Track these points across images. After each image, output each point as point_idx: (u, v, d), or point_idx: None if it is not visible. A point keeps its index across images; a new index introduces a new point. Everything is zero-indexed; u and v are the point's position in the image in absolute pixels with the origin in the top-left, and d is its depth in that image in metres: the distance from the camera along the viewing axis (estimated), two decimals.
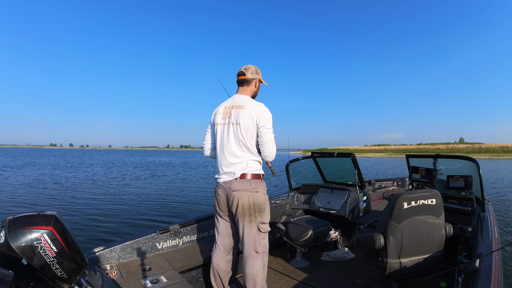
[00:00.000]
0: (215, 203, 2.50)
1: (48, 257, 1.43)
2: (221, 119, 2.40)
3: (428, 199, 2.31)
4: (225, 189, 2.35)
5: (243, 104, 2.34)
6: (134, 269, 2.48)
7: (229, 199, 2.33)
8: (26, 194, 11.65)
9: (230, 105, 2.39)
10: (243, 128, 2.30)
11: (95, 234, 6.59)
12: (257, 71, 2.50)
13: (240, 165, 2.34)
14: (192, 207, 9.78)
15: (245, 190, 2.30)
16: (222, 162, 2.38)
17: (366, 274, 3.06)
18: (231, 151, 2.34)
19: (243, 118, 2.29)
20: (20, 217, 1.45)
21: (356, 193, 4.08)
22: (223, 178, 2.36)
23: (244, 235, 2.35)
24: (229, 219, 2.50)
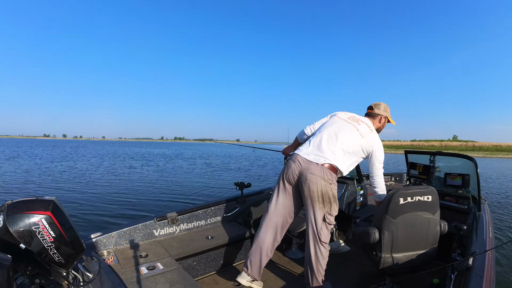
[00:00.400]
0: (283, 177, 2.47)
1: (46, 242, 1.45)
2: (346, 118, 2.54)
3: (424, 196, 2.32)
4: (302, 166, 2.36)
5: (372, 127, 2.54)
6: (131, 256, 2.50)
7: (303, 178, 2.33)
8: (23, 182, 11.69)
9: (362, 120, 2.57)
10: (359, 141, 2.43)
11: (92, 220, 6.63)
12: (386, 109, 2.68)
13: (333, 157, 2.38)
14: (189, 196, 9.83)
15: (322, 178, 2.33)
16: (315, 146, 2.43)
17: (360, 267, 3.10)
18: (337, 143, 2.41)
19: (366, 135, 2.46)
20: (18, 202, 1.46)
21: (353, 187, 4.09)
22: (307, 155, 2.39)
23: (310, 219, 2.37)
24: (292, 198, 2.49)
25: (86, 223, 6.31)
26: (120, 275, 2.13)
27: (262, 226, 2.52)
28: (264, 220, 2.52)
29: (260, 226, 2.54)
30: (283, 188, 2.48)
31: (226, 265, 3.03)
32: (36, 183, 11.11)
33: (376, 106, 2.66)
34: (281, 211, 2.49)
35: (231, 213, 3.58)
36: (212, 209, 3.42)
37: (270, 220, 2.50)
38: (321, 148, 2.39)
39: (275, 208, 2.49)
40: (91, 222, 6.44)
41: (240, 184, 3.65)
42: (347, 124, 2.48)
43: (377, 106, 2.66)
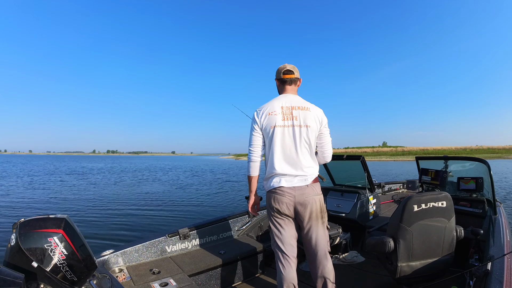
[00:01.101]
0: (276, 212, 2.29)
1: (58, 259, 1.45)
2: (282, 121, 2.23)
3: (438, 202, 2.28)
4: (295, 195, 2.21)
5: (306, 105, 2.28)
6: (143, 272, 2.50)
7: (301, 206, 2.22)
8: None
9: (289, 105, 2.27)
10: (311, 131, 2.25)
11: (104, 237, 6.65)
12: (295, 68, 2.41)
13: (311, 170, 2.28)
14: (200, 211, 9.81)
15: (316, 194, 2.25)
16: (287, 168, 2.24)
17: (376, 277, 3.03)
18: (300, 156, 2.24)
19: (311, 121, 2.24)
20: (31, 220, 1.47)
21: (365, 196, 4.05)
22: (292, 183, 2.23)
23: (318, 238, 2.26)
24: (293, 227, 2.34)
25: (97, 241, 6.33)
26: None
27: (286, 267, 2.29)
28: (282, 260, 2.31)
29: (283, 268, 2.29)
30: (285, 222, 2.31)
31: (240, 280, 3.00)
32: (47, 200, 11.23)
33: (294, 69, 2.38)
34: (293, 243, 2.34)
35: (243, 227, 3.55)
36: (223, 223, 3.40)
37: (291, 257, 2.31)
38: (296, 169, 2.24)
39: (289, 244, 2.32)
40: (103, 239, 6.45)
41: None
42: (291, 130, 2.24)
43: (295, 69, 2.38)
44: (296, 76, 2.37)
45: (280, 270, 2.29)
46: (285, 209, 2.24)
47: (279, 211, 2.26)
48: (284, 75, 2.35)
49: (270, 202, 2.31)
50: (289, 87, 2.37)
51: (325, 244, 2.30)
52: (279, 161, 2.24)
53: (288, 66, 2.37)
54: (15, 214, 9.12)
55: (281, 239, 2.30)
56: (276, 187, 2.25)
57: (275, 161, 2.25)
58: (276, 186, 2.25)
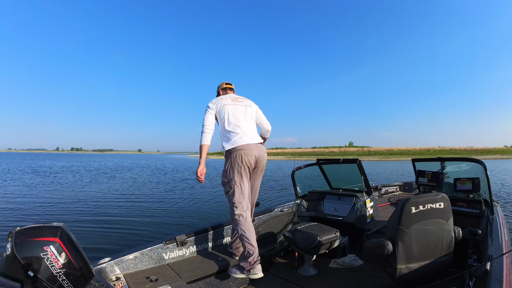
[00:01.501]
0: (242, 166, 2.85)
1: (54, 268, 1.43)
2: (232, 102, 3.06)
3: (436, 203, 2.29)
4: (258, 150, 2.93)
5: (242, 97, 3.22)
6: (140, 280, 2.47)
7: (260, 158, 2.96)
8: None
9: (235, 97, 3.16)
10: (251, 109, 3.15)
11: (101, 245, 6.58)
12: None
13: (258, 134, 3.12)
14: (198, 217, 9.76)
15: (265, 152, 3.05)
16: (244, 130, 2.95)
17: (375, 280, 3.02)
18: (250, 124, 3.06)
19: (251, 103, 3.20)
20: (26, 229, 1.45)
21: (362, 199, 4.05)
22: (254, 140, 2.94)
23: (258, 188, 3.18)
24: (249, 178, 2.99)
25: (94, 249, 6.26)
26: None
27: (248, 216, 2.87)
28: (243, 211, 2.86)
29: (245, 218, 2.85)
30: (246, 174, 2.91)
31: (238, 286, 2.98)
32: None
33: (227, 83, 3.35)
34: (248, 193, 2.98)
35: None
36: (221, 229, 3.39)
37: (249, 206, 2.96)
38: (250, 132, 2.99)
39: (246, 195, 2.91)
40: (100, 247, 6.38)
41: None
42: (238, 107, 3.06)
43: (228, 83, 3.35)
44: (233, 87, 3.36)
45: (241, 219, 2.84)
46: (252, 161, 2.90)
47: (247, 164, 2.87)
48: (226, 85, 3.33)
49: (240, 158, 2.85)
50: (230, 92, 3.31)
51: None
52: (236, 126, 2.95)
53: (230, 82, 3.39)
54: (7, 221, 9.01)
55: (244, 191, 2.90)
56: (243, 144, 2.87)
57: (232, 127, 2.95)
58: (244, 143, 2.87)
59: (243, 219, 2.83)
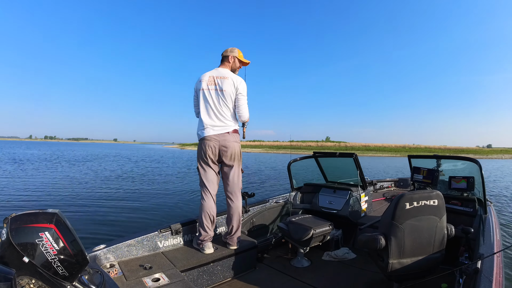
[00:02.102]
0: (203, 155, 2.97)
1: (49, 255, 1.43)
2: (206, 85, 2.96)
3: (430, 200, 2.30)
4: (219, 141, 2.92)
5: (226, 75, 2.97)
6: (135, 268, 2.49)
7: (223, 149, 2.94)
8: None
9: (215, 75, 2.98)
10: (227, 94, 2.93)
11: (96, 232, 6.60)
12: (233, 50, 3.11)
13: (229, 123, 2.99)
14: (193, 206, 9.78)
15: (235, 141, 3.00)
16: (211, 120, 2.94)
17: (367, 274, 3.06)
18: (219, 111, 2.94)
19: (227, 86, 2.93)
20: (22, 215, 1.45)
21: (357, 193, 4.07)
22: (215, 131, 2.92)
23: (234, 176, 3.05)
24: (215, 168, 3.05)
25: (89, 236, 6.28)
26: None
27: (207, 201, 3.00)
28: (204, 195, 3.02)
29: (203, 202, 3.01)
30: (209, 164, 2.99)
31: (232, 275, 3.00)
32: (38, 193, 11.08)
33: (225, 51, 3.11)
34: (215, 181, 3.07)
35: None
36: (216, 219, 3.40)
37: (211, 193, 3.03)
38: (220, 121, 2.93)
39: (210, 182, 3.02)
40: (95, 235, 6.40)
41: (244, 193, 3.64)
42: (211, 92, 2.94)
43: (225, 50, 3.11)
44: (224, 54, 3.10)
45: (202, 202, 3.02)
46: (211, 152, 2.94)
47: (206, 154, 2.94)
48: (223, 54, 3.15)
49: (200, 148, 2.99)
50: (221, 64, 3.13)
51: (239, 181, 3.10)
52: (204, 116, 2.96)
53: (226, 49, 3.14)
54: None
55: (206, 178, 3.02)
56: (204, 136, 2.94)
57: (202, 116, 2.97)
58: (205, 135, 2.94)
59: (203, 203, 3.01)
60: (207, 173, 3.02)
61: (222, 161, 3.01)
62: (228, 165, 3.02)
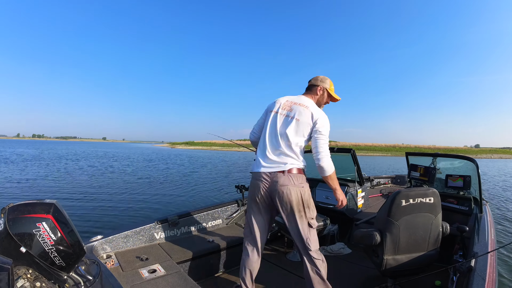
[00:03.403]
0: (252, 195, 2.34)
1: (46, 245, 1.44)
2: (280, 109, 2.37)
3: (426, 197, 2.32)
4: (270, 182, 2.23)
5: (306, 104, 2.35)
6: (131, 259, 2.50)
7: (274, 194, 2.23)
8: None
9: (292, 101, 2.39)
10: (301, 125, 2.27)
11: (93, 223, 6.62)
12: (324, 80, 2.50)
13: (292, 160, 2.26)
14: (190, 199, 9.81)
15: (294, 185, 2.22)
16: (268, 152, 2.29)
17: (362, 269, 3.08)
18: (283, 143, 2.27)
19: (303, 116, 2.28)
20: (19, 205, 1.46)
21: (354, 189, 4.09)
22: (268, 168, 2.25)
23: (295, 231, 2.26)
24: (265, 213, 2.37)
25: (86, 227, 6.30)
26: (121, 279, 2.13)
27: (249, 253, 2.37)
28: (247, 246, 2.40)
29: (246, 254, 2.38)
30: (257, 209, 2.36)
31: (228, 268, 3.02)
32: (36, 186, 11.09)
33: (314, 78, 2.53)
34: (263, 231, 2.39)
35: (232, 216, 3.57)
36: (213, 212, 3.41)
37: (258, 244, 2.38)
38: (277, 155, 2.27)
39: (257, 230, 2.37)
40: (92, 225, 6.43)
41: (241, 186, 3.65)
42: (281, 117, 2.34)
43: (314, 78, 2.52)
44: (313, 83, 2.51)
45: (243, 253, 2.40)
46: (258, 194, 2.29)
47: (254, 197, 2.32)
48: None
49: (250, 187, 2.39)
50: (306, 92, 2.52)
51: (303, 239, 2.24)
52: (263, 146, 2.34)
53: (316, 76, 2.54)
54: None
55: (252, 224, 2.37)
56: (254, 172, 2.33)
57: (260, 144, 2.39)
58: (255, 171, 2.32)
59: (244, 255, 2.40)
60: (254, 219, 2.36)
61: (278, 211, 2.30)
62: (285, 217, 2.27)
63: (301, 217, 2.25)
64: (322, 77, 2.52)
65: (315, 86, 2.48)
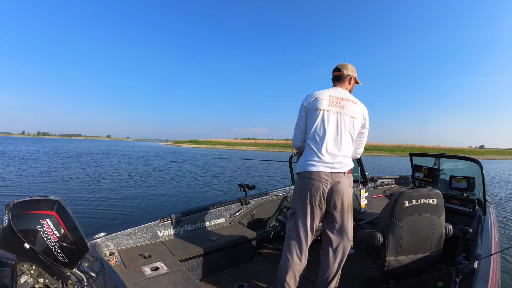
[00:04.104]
0: (305, 197, 2.21)
1: (50, 241, 1.45)
2: (328, 106, 2.25)
3: (429, 199, 2.31)
4: (331, 182, 2.17)
5: (354, 100, 2.31)
6: (134, 256, 2.51)
7: (336, 194, 2.17)
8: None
9: (337, 96, 2.29)
10: (356, 124, 2.28)
11: (96, 220, 6.66)
12: (353, 69, 2.46)
13: (349, 160, 2.27)
14: (194, 197, 9.84)
15: (349, 185, 2.24)
16: (327, 152, 2.20)
17: (364, 270, 3.07)
18: (342, 142, 2.22)
19: (357, 113, 2.27)
20: (23, 202, 1.47)
21: (358, 189, 4.08)
22: (329, 168, 2.18)
23: (347, 230, 2.26)
24: (317, 216, 2.25)
25: (90, 223, 6.33)
26: (124, 276, 2.14)
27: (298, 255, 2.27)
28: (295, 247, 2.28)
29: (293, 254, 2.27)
30: (311, 209, 2.22)
31: (230, 266, 3.03)
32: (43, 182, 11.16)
33: (343, 67, 2.42)
34: (312, 232, 2.29)
35: (235, 215, 3.57)
36: (216, 210, 3.42)
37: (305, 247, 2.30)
38: (336, 154, 2.20)
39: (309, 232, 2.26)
40: (95, 223, 6.46)
41: (244, 185, 3.65)
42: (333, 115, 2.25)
43: (345, 67, 2.42)
44: (345, 73, 2.40)
45: (287, 257, 2.27)
46: (318, 195, 2.18)
47: (312, 197, 2.19)
48: (334, 73, 2.46)
49: (303, 188, 2.23)
50: (340, 83, 2.42)
51: (350, 237, 2.28)
52: (320, 145, 2.22)
53: (340, 64, 2.44)
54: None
55: (301, 227, 2.25)
56: (311, 171, 2.19)
57: (315, 144, 2.24)
58: (312, 170, 2.19)
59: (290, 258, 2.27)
60: (306, 225, 2.23)
61: (329, 210, 2.23)
62: (335, 216, 2.23)
63: (350, 216, 2.28)
64: (351, 66, 2.46)
65: (348, 76, 2.42)
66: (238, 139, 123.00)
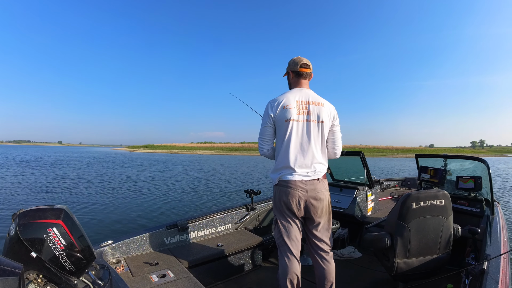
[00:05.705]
0: (284, 208, 2.22)
1: (57, 250, 1.46)
2: (297, 115, 2.20)
3: (436, 200, 2.29)
4: (307, 190, 2.17)
5: (320, 101, 2.26)
6: (141, 264, 2.51)
7: (314, 200, 2.18)
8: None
9: (305, 100, 2.23)
10: (325, 127, 2.24)
11: (103, 228, 6.67)
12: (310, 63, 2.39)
13: (322, 166, 2.25)
14: (199, 203, 9.83)
15: (325, 190, 2.25)
16: (300, 161, 2.19)
17: (372, 273, 3.05)
18: (313, 150, 2.20)
19: (324, 116, 2.23)
20: (30, 211, 1.48)
21: (364, 192, 4.05)
22: (303, 176, 2.18)
23: (323, 234, 2.25)
24: (298, 222, 2.26)
25: (96, 232, 6.35)
26: (131, 284, 2.14)
27: (291, 261, 2.25)
28: (287, 254, 2.25)
29: (288, 262, 2.25)
30: (293, 218, 2.24)
31: (237, 273, 3.02)
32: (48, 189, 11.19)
33: (308, 64, 2.33)
34: (299, 239, 2.29)
35: (241, 220, 3.56)
36: (222, 216, 3.41)
37: (295, 253, 2.27)
38: (309, 164, 2.20)
39: (293, 240, 2.25)
40: (102, 231, 6.47)
41: (250, 191, 3.64)
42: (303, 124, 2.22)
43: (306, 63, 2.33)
44: (311, 70, 2.35)
45: (283, 264, 2.26)
46: (295, 204, 2.18)
47: (289, 206, 2.19)
48: (301, 69, 2.30)
49: (281, 196, 2.23)
50: (304, 81, 2.34)
51: (328, 241, 2.27)
52: (293, 155, 2.20)
53: (305, 59, 2.33)
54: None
55: (289, 236, 2.24)
56: (287, 180, 2.20)
57: (288, 154, 2.21)
58: (288, 179, 2.19)
59: (286, 264, 2.24)
60: (290, 230, 2.24)
61: (308, 217, 2.24)
62: (315, 222, 2.24)
63: (329, 220, 2.27)
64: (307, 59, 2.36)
65: (311, 73, 2.36)
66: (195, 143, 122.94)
